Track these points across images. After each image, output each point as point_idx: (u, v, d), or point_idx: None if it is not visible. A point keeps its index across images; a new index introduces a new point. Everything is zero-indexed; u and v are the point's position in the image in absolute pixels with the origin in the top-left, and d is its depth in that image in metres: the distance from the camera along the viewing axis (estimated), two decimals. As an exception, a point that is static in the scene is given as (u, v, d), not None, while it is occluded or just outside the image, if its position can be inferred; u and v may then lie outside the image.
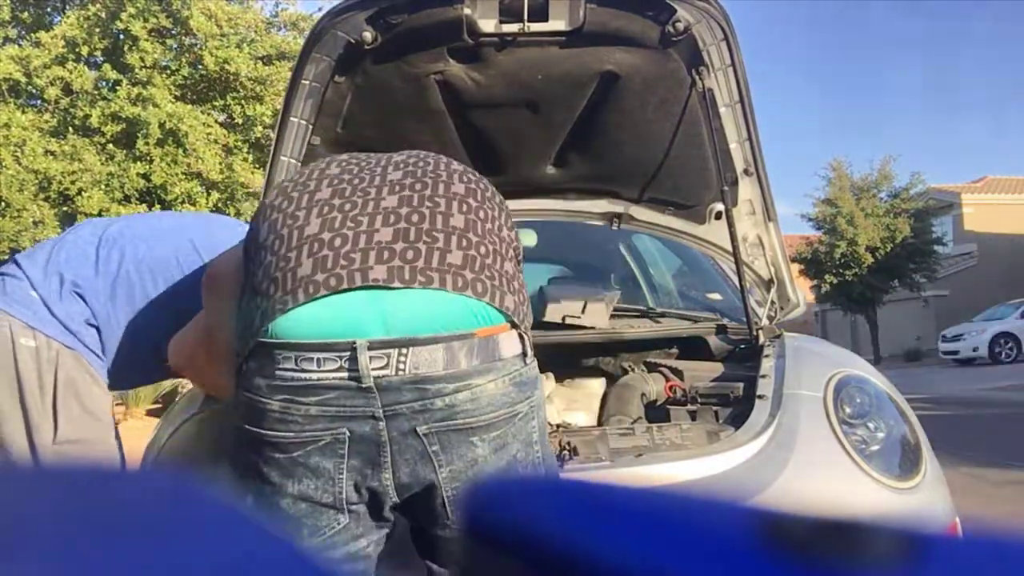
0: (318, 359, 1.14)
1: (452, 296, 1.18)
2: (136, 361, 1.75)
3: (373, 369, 1.13)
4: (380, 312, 1.17)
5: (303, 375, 1.15)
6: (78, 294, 1.66)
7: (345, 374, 1.14)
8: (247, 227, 1.99)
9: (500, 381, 1.19)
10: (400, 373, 1.14)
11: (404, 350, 1.14)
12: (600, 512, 0.27)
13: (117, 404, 9.90)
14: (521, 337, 1.25)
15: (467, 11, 1.91)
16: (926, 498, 1.68)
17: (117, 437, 1.75)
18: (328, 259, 1.17)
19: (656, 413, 2.08)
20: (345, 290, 1.15)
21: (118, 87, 10.85)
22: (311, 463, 1.16)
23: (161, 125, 10.40)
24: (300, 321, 1.17)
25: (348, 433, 1.15)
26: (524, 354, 1.24)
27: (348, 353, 1.14)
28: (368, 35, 1.96)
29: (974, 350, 19.04)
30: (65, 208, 10.67)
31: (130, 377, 1.81)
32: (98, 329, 1.68)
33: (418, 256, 1.18)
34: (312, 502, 1.18)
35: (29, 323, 1.60)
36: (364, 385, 1.13)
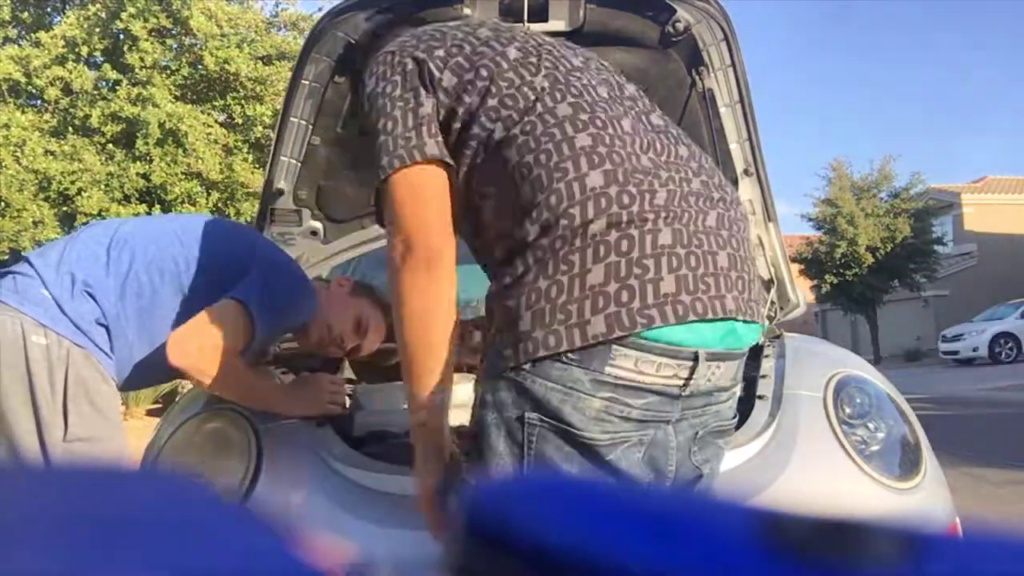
0: (659, 364, 1.10)
1: (756, 324, 1.23)
2: (144, 362, 1.76)
3: (701, 380, 1.14)
4: (723, 330, 1.16)
5: (638, 376, 1.10)
6: (89, 293, 1.66)
7: (677, 381, 1.12)
8: (250, 234, 2.02)
9: (739, 386, 1.27)
10: (708, 383, 1.16)
11: (720, 364, 1.16)
12: (600, 512, 0.27)
13: (117, 404, 9.89)
14: None
15: (467, 11, 1.91)
16: (926, 498, 1.68)
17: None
18: (689, 279, 1.12)
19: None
20: (709, 320, 1.12)
21: (118, 87, 10.85)
22: (615, 463, 1.12)
23: (161, 125, 10.41)
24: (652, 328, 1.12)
25: (651, 436, 1.14)
26: None
27: (690, 363, 1.12)
28: (368, 35, 1.96)
29: (974, 350, 19.05)
30: (65, 208, 10.67)
31: (139, 377, 1.81)
32: (108, 329, 1.69)
33: (744, 287, 1.19)
34: None
35: (40, 321, 1.60)
36: (685, 393, 1.13)
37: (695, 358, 1.11)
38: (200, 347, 1.60)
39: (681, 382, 1.12)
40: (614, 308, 1.08)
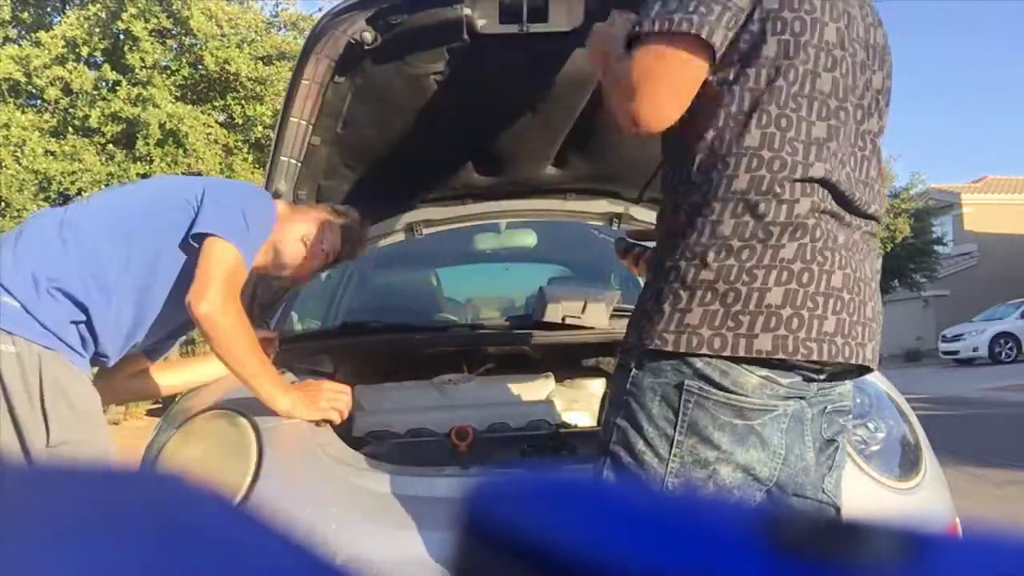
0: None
1: None
2: (136, 329, 1.76)
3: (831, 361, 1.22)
4: None
5: (788, 357, 1.18)
6: (57, 289, 1.63)
7: (816, 365, 1.21)
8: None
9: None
10: (839, 368, 1.25)
11: None
12: (600, 512, 0.27)
13: (117, 404, 9.91)
14: None
15: (467, 11, 1.91)
16: (926, 498, 1.68)
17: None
18: (846, 324, 1.20)
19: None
20: (850, 366, 1.25)
21: (118, 87, 10.85)
22: (765, 433, 1.19)
23: (161, 125, 10.40)
24: None
25: (793, 409, 1.22)
26: None
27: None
28: (368, 35, 1.96)
29: (974, 350, 19.04)
30: (65, 208, 10.65)
31: (161, 342, 1.84)
32: (86, 323, 1.67)
33: (874, 338, 1.28)
34: (750, 474, 1.18)
35: (5, 329, 1.57)
36: (821, 378, 1.24)
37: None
38: (223, 297, 1.64)
39: (819, 366, 1.22)
40: (783, 332, 1.16)
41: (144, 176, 10.63)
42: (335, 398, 1.81)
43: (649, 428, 1.19)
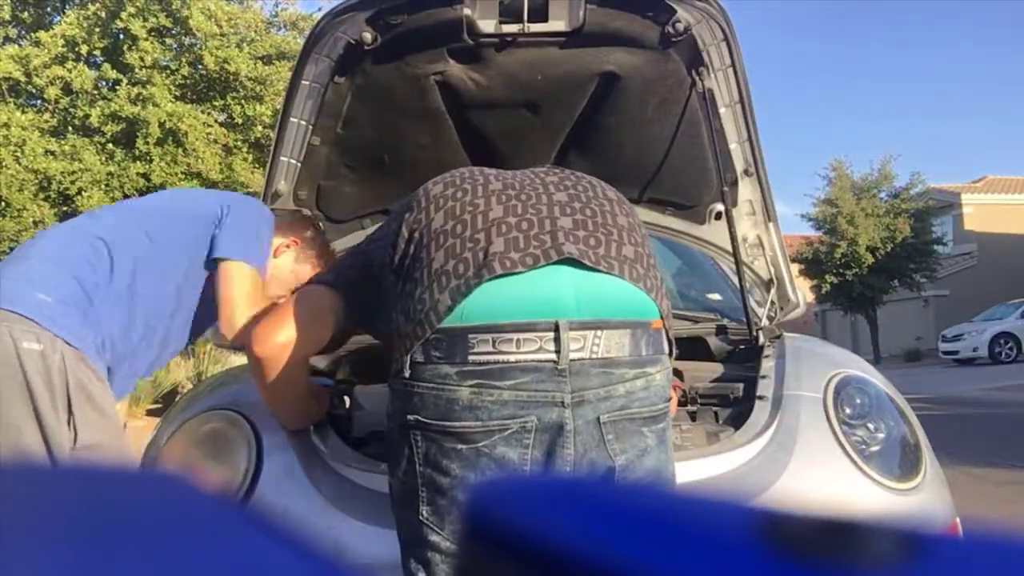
0: (517, 340, 1.15)
1: (631, 285, 1.22)
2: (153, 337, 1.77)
3: (572, 351, 1.15)
4: (575, 292, 1.19)
5: (500, 356, 1.14)
6: (82, 290, 1.63)
7: (544, 355, 1.14)
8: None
9: (663, 374, 1.25)
10: (593, 356, 1.16)
11: (599, 332, 1.17)
12: (600, 512, 0.27)
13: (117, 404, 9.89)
14: (668, 336, 1.29)
15: (467, 11, 1.91)
16: (926, 498, 1.68)
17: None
18: (520, 239, 1.19)
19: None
20: (542, 265, 1.17)
21: (118, 87, 10.84)
22: (496, 453, 1.15)
23: (161, 125, 10.40)
24: (500, 299, 1.17)
25: (536, 421, 1.15)
26: (670, 352, 1.30)
27: (551, 333, 1.15)
28: (368, 35, 1.96)
29: (974, 350, 19.04)
30: (65, 208, 10.66)
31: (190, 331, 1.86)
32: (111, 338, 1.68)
33: (599, 244, 1.22)
34: None
35: (31, 318, 1.54)
36: (560, 367, 1.14)
37: (555, 328, 1.14)
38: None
39: (551, 355, 1.14)
40: (454, 282, 1.16)
41: (144, 176, 10.63)
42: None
43: (402, 457, 1.22)
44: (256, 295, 1.73)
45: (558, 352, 1.15)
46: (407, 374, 1.19)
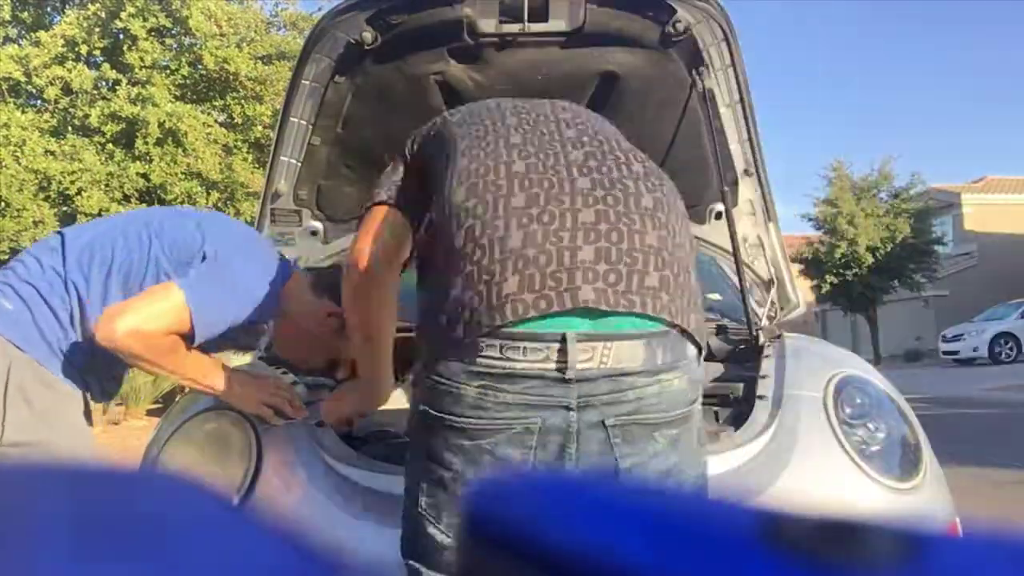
0: (524, 348, 1.15)
1: (649, 321, 1.20)
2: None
3: (579, 362, 1.15)
4: (587, 318, 1.18)
5: (507, 363, 1.15)
6: (39, 295, 1.66)
7: (551, 365, 1.15)
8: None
9: (684, 379, 1.22)
10: (602, 366, 1.16)
11: (609, 344, 1.16)
12: (601, 512, 0.27)
13: (117, 404, 9.90)
14: (696, 341, 1.26)
15: (467, 11, 1.91)
16: (926, 498, 1.68)
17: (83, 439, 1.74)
18: (535, 278, 1.15)
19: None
20: (555, 314, 1.15)
21: (117, 87, 10.85)
22: (498, 452, 1.16)
23: (160, 125, 10.41)
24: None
25: (540, 422, 1.16)
26: (698, 355, 1.27)
27: (557, 344, 1.15)
28: (368, 35, 1.96)
29: (974, 350, 19.04)
30: (65, 208, 10.67)
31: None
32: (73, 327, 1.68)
33: (619, 279, 1.17)
34: None
35: None
36: (567, 377, 1.15)
37: (562, 340, 1.14)
38: (130, 329, 1.56)
39: (555, 365, 1.15)
40: (467, 315, 1.17)
41: (144, 176, 10.63)
42: (275, 394, 1.76)
43: (414, 448, 1.27)
44: (160, 324, 1.60)
45: (564, 363, 1.15)
46: (423, 364, 1.23)
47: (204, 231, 1.73)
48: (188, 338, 1.63)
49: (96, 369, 1.74)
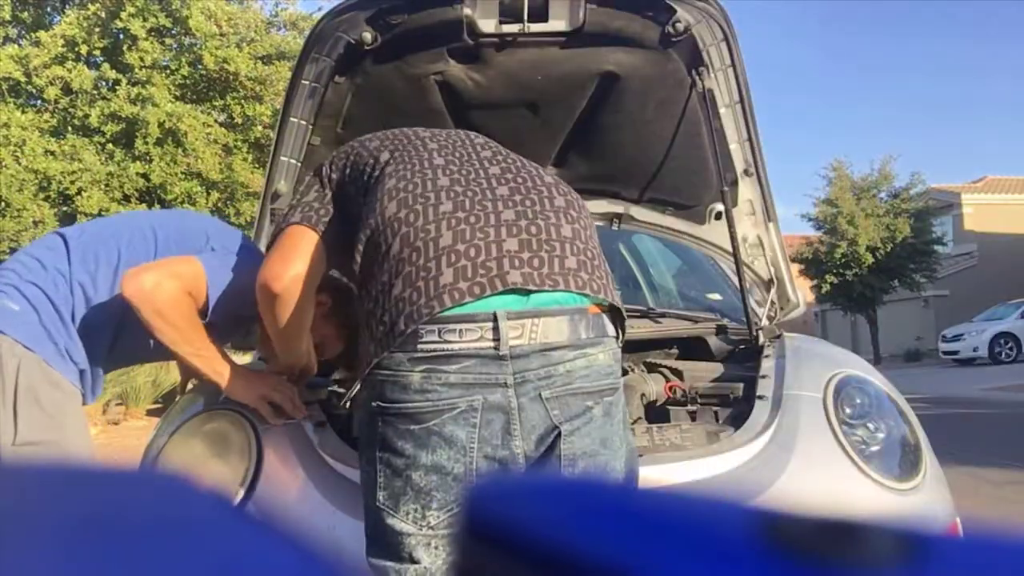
0: (460, 330, 1.26)
1: (573, 294, 1.33)
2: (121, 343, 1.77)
3: (511, 338, 1.26)
4: (515, 297, 1.30)
5: (445, 345, 1.25)
6: (45, 296, 1.67)
7: (486, 343, 1.25)
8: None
9: (607, 354, 1.34)
10: (532, 341, 1.27)
11: (536, 320, 1.28)
12: (600, 512, 0.27)
13: (117, 404, 9.91)
14: (614, 321, 1.39)
15: (467, 11, 1.91)
16: (926, 498, 1.68)
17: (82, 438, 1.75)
18: (467, 269, 1.28)
19: (656, 413, 2.07)
20: (488, 295, 1.27)
21: (117, 87, 10.85)
22: (445, 432, 1.25)
23: (160, 124, 10.41)
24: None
25: (483, 400, 1.25)
26: (617, 336, 1.40)
27: (490, 323, 1.26)
28: (368, 35, 1.96)
29: (974, 350, 19.04)
30: (65, 208, 10.67)
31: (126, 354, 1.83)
32: (77, 325, 1.69)
33: (542, 264, 1.31)
34: (443, 473, 1.26)
35: None
36: (501, 353, 1.25)
37: (493, 319, 1.26)
38: (156, 282, 1.60)
39: (491, 343, 1.26)
40: (408, 308, 1.27)
41: (144, 176, 10.63)
42: (276, 390, 1.76)
43: (366, 447, 1.34)
44: (184, 281, 1.65)
45: (497, 340, 1.25)
46: (370, 363, 1.31)
47: (207, 228, 1.85)
48: (202, 312, 1.67)
49: (94, 367, 1.75)
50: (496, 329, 1.26)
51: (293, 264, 1.48)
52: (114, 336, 1.76)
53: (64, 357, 1.68)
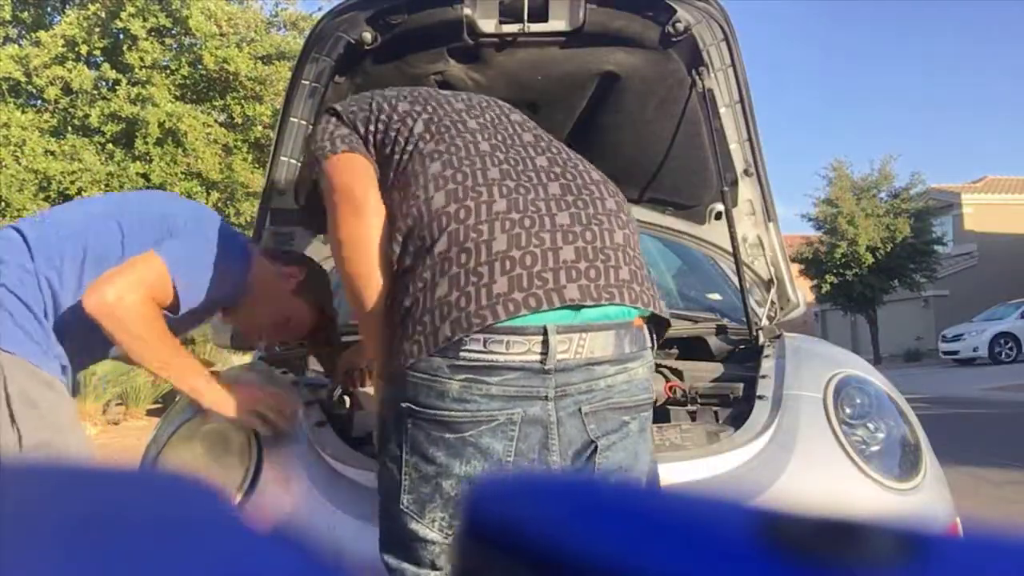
0: (508, 342, 1.20)
1: (626, 308, 1.29)
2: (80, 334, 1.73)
3: (559, 352, 1.21)
4: (567, 312, 1.25)
5: (490, 356, 1.20)
6: (21, 296, 1.64)
7: (532, 356, 1.21)
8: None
9: (645, 367, 1.32)
10: (578, 356, 1.23)
11: (584, 335, 1.24)
12: (600, 512, 0.27)
13: (117, 404, 9.91)
14: (650, 332, 1.36)
15: (467, 11, 1.91)
16: (926, 498, 1.68)
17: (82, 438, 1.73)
18: (523, 278, 1.22)
19: (656, 414, 2.07)
20: (545, 311, 1.21)
21: (117, 87, 10.85)
22: (482, 444, 1.21)
23: (160, 124, 10.41)
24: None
25: (522, 413, 1.21)
26: (652, 346, 1.37)
27: (539, 337, 1.21)
28: (368, 35, 1.96)
29: (974, 350, 19.04)
30: (65, 208, 10.64)
31: (84, 353, 1.78)
32: (53, 320, 1.66)
33: (599, 275, 1.26)
34: None
35: None
36: (547, 367, 1.21)
37: (544, 332, 1.21)
38: (119, 295, 1.54)
39: (538, 356, 1.21)
40: (456, 314, 1.20)
41: (144, 176, 10.63)
42: (260, 401, 1.71)
43: (390, 446, 1.28)
44: (149, 290, 1.59)
45: (545, 354, 1.21)
46: (405, 363, 1.24)
47: (169, 207, 1.80)
48: (173, 307, 1.63)
49: (72, 361, 1.72)
50: (546, 343, 1.21)
51: (363, 179, 1.34)
52: (85, 332, 1.72)
53: (48, 355, 1.65)
